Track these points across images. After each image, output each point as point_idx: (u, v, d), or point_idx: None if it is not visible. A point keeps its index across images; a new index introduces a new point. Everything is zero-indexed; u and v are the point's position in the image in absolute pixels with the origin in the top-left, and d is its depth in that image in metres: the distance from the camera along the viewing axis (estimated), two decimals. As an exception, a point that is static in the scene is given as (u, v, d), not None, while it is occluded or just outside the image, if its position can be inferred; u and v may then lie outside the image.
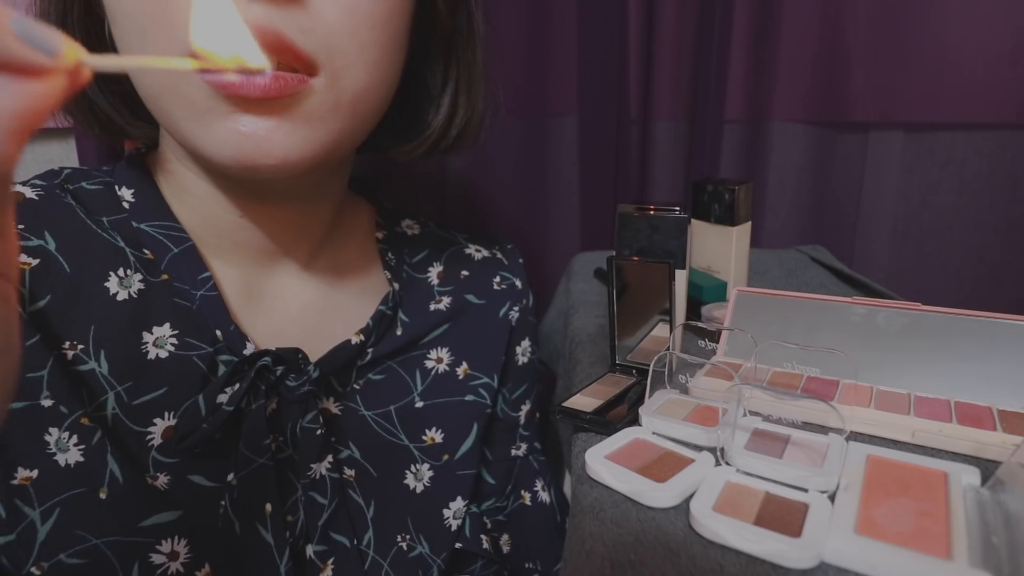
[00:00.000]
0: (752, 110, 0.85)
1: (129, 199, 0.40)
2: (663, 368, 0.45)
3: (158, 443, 0.36)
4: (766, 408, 0.40)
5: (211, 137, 0.33)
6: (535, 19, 0.81)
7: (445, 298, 0.50)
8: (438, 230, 0.55)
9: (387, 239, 0.50)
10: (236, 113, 0.32)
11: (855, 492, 0.33)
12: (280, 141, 0.33)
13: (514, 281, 0.54)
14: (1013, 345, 0.42)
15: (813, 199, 0.91)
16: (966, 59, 0.83)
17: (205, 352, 0.38)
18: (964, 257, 0.92)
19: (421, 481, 0.45)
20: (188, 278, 0.39)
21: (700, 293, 0.62)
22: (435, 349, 0.48)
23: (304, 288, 0.45)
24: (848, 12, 0.82)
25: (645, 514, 0.34)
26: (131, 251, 0.38)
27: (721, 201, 0.60)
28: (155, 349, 0.37)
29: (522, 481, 0.51)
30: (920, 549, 0.29)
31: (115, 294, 0.37)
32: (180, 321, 0.38)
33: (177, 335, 0.38)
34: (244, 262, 0.42)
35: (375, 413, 0.45)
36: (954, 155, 0.89)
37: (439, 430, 0.47)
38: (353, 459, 0.43)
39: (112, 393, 0.35)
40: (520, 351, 0.53)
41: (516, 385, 0.53)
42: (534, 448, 0.53)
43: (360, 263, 0.49)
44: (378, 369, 0.46)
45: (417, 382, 0.47)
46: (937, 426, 0.38)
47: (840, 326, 0.47)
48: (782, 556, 0.29)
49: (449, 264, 0.52)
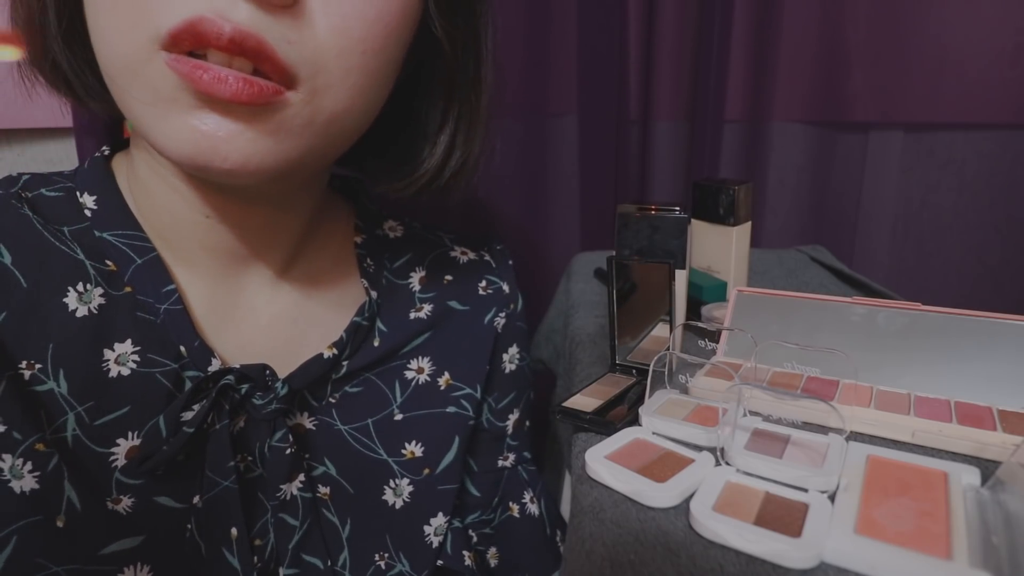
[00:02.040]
0: (752, 110, 0.85)
1: (91, 206, 0.38)
2: (663, 368, 0.45)
3: (122, 464, 0.35)
4: (766, 408, 0.40)
5: (168, 129, 0.30)
6: (535, 19, 0.81)
7: (426, 305, 0.48)
8: (423, 231, 0.52)
9: (366, 244, 0.48)
10: (200, 110, 0.30)
11: (855, 492, 0.33)
12: (240, 147, 0.31)
13: (501, 285, 0.52)
14: (1013, 345, 0.42)
15: (813, 199, 0.91)
16: (966, 59, 0.83)
17: (169, 369, 0.37)
18: (964, 257, 0.92)
19: (400, 496, 0.44)
20: (152, 291, 0.37)
21: (700, 293, 0.62)
22: (415, 359, 0.46)
23: (276, 298, 0.43)
24: (848, 12, 0.82)
25: (645, 514, 0.34)
26: (92, 263, 0.36)
27: (721, 201, 0.60)
28: (116, 367, 0.35)
29: (510, 492, 0.50)
30: (920, 549, 0.29)
31: (74, 310, 0.35)
32: (143, 337, 0.36)
33: (139, 351, 0.36)
34: (213, 270, 0.40)
35: (352, 427, 0.43)
36: (954, 155, 0.89)
37: (419, 443, 0.45)
38: (328, 476, 0.42)
39: (72, 414, 0.34)
40: (507, 358, 0.51)
41: (503, 394, 0.51)
42: (523, 458, 0.52)
43: (336, 270, 0.46)
44: (355, 382, 0.44)
45: (396, 394, 0.45)
46: (937, 426, 0.38)
47: (840, 326, 0.47)
48: (782, 556, 0.29)
49: (432, 268, 0.50)
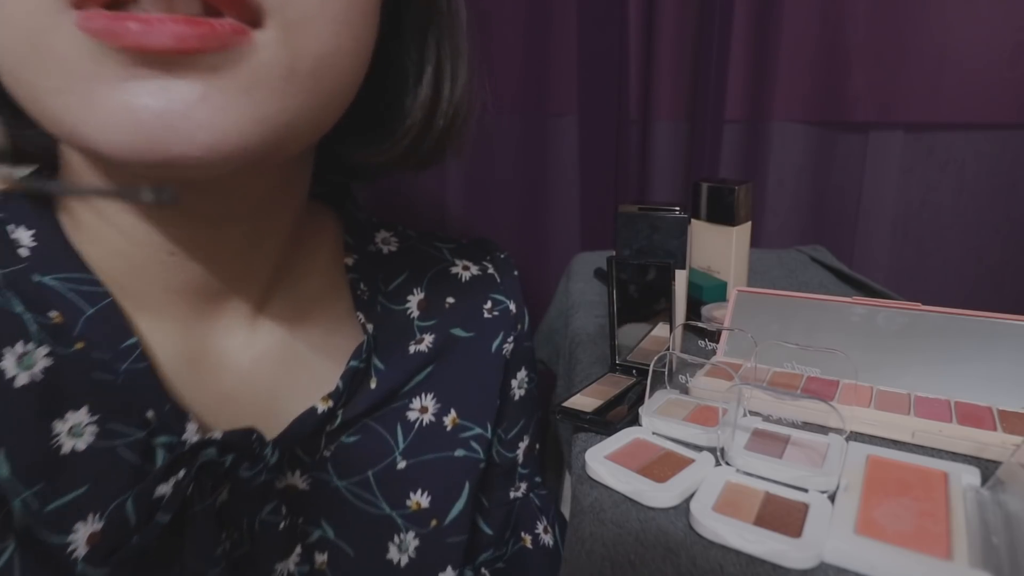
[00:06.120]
0: (752, 110, 0.85)
1: (28, 243, 0.32)
2: (663, 368, 0.45)
3: (83, 552, 0.29)
4: (766, 408, 0.40)
5: (95, 117, 0.22)
6: (535, 19, 0.81)
7: (427, 336, 0.42)
8: (420, 244, 0.46)
9: (359, 265, 0.41)
10: (134, 79, 0.22)
11: (855, 492, 0.33)
12: (208, 118, 0.23)
13: (507, 304, 0.47)
14: (1013, 345, 0.42)
15: (813, 199, 0.91)
16: (966, 59, 0.83)
17: (135, 439, 0.31)
18: (964, 257, 0.92)
19: (406, 552, 0.40)
20: (109, 346, 0.31)
21: (700, 293, 0.62)
22: (418, 397, 0.41)
23: (256, 338, 0.37)
24: (848, 12, 0.82)
25: (645, 514, 0.34)
26: (33, 316, 0.30)
27: (721, 201, 0.60)
28: (70, 440, 0.29)
29: (522, 522, 0.47)
30: (920, 549, 0.29)
31: (12, 378, 0.28)
32: (101, 403, 0.30)
33: (97, 421, 0.30)
34: (180, 314, 0.34)
35: (350, 482, 0.38)
36: (954, 155, 0.89)
37: (425, 493, 0.41)
38: (325, 540, 0.37)
39: (19, 500, 0.28)
40: (516, 384, 0.47)
41: (512, 423, 0.47)
42: (534, 484, 0.49)
43: (325, 299, 0.40)
44: (352, 430, 0.39)
45: (399, 438, 0.40)
46: (937, 426, 0.38)
47: (840, 326, 0.47)
48: (782, 556, 0.29)
49: (432, 289, 0.44)
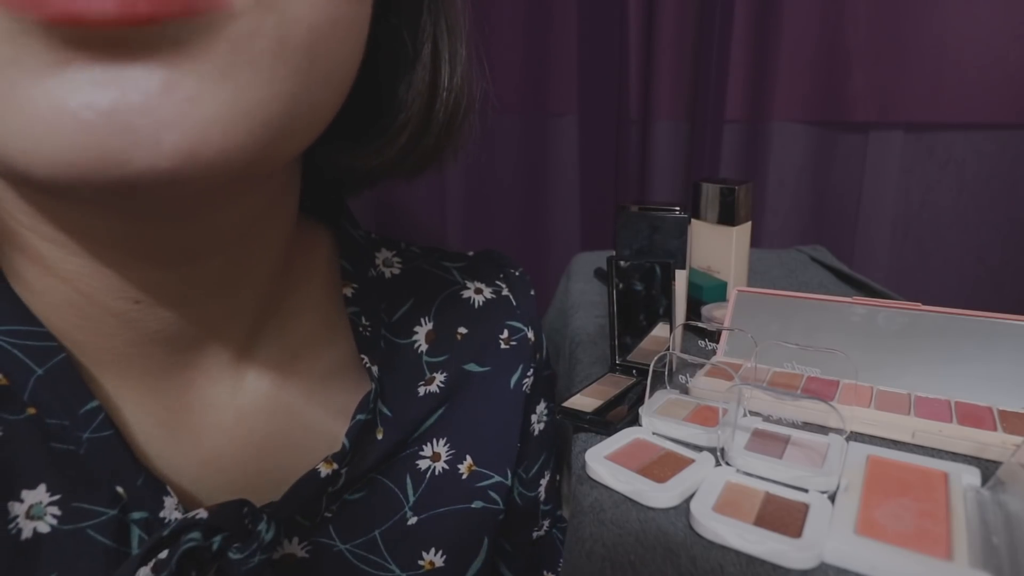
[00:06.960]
0: (752, 110, 0.85)
1: None
2: (663, 368, 0.45)
3: None
4: (766, 408, 0.40)
5: (15, 121, 0.17)
6: (535, 19, 0.81)
7: (438, 375, 0.37)
8: (425, 264, 0.41)
9: (359, 295, 0.36)
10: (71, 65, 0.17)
11: (855, 492, 0.33)
12: (175, 115, 0.17)
13: (525, 332, 0.42)
14: (1013, 345, 0.42)
15: (813, 199, 0.91)
16: (966, 59, 0.83)
17: (104, 519, 0.26)
18: (964, 257, 0.92)
19: None
20: (65, 411, 0.26)
21: (700, 293, 0.62)
22: (429, 443, 0.37)
23: (241, 387, 0.32)
24: (848, 12, 0.82)
25: (645, 515, 0.34)
26: None
27: (721, 201, 0.60)
28: (30, 523, 0.25)
29: (546, 562, 0.44)
30: (920, 549, 0.29)
31: None
32: (61, 478, 0.26)
33: (59, 501, 0.26)
34: (150, 369, 0.29)
35: (355, 544, 0.34)
36: (954, 155, 0.89)
37: (440, 552, 0.36)
38: None
39: None
40: (535, 419, 0.43)
41: (532, 461, 0.43)
42: (556, 519, 0.45)
43: (320, 337, 0.35)
44: (356, 487, 0.34)
45: (408, 491, 0.36)
46: (937, 426, 0.38)
47: (840, 326, 0.47)
48: (782, 556, 0.29)
49: (441, 319, 0.39)
